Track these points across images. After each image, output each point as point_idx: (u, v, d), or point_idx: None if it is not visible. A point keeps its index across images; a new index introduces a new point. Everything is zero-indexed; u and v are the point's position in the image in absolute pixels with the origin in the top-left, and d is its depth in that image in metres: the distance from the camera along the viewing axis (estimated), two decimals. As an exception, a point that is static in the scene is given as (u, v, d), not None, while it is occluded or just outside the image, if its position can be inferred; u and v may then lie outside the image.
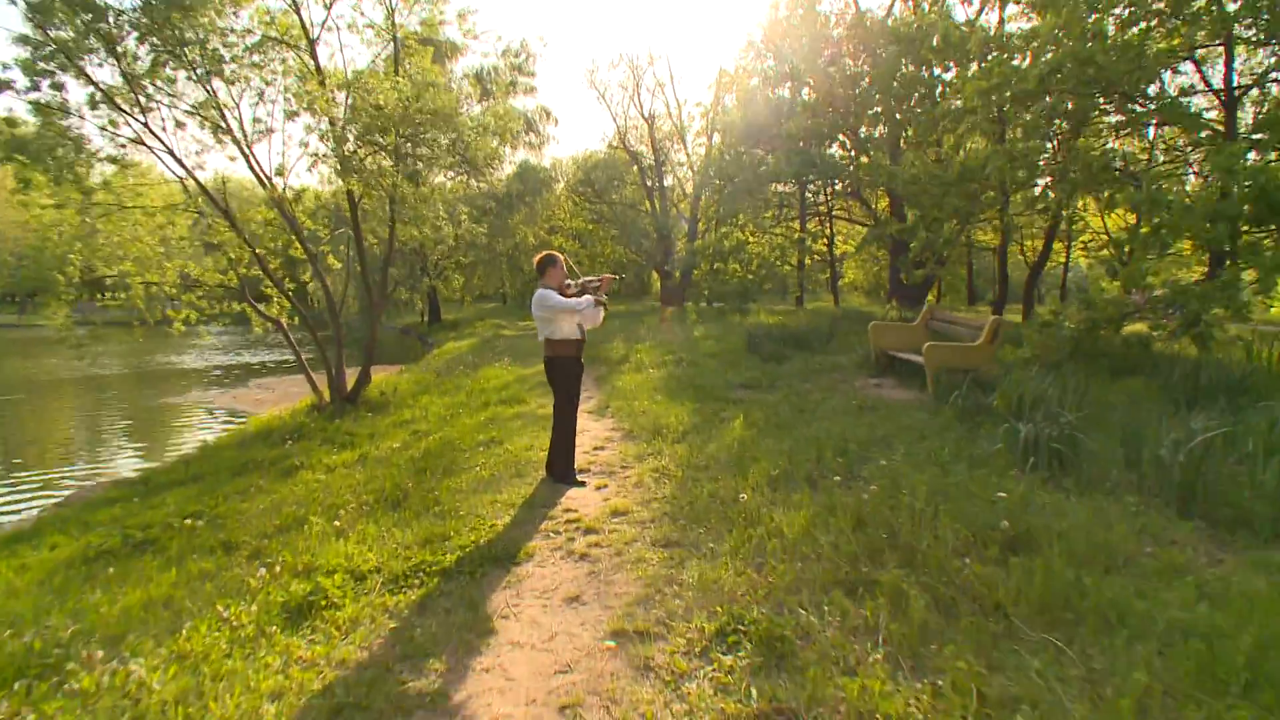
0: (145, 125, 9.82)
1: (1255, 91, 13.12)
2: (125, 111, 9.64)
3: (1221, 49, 12.99)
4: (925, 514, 4.16)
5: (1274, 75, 13.74)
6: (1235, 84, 13.36)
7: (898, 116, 17.77)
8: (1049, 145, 10.98)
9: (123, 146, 10.50)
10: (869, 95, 18.97)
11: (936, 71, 18.13)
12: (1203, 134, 11.46)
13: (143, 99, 9.77)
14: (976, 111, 10.87)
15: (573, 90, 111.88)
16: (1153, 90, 11.04)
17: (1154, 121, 10.69)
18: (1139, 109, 10.63)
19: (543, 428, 8.29)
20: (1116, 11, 10.15)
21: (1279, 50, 13.77)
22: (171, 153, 10.18)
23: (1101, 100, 10.57)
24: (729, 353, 13.49)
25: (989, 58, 11.60)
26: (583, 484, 6.13)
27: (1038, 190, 13.44)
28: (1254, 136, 10.78)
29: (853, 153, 22.11)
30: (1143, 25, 10.31)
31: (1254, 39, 12.49)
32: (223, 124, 10.30)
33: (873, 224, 22.98)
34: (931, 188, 12.81)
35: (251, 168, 11.04)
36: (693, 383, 10.37)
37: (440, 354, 21.49)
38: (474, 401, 11.26)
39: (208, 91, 10.04)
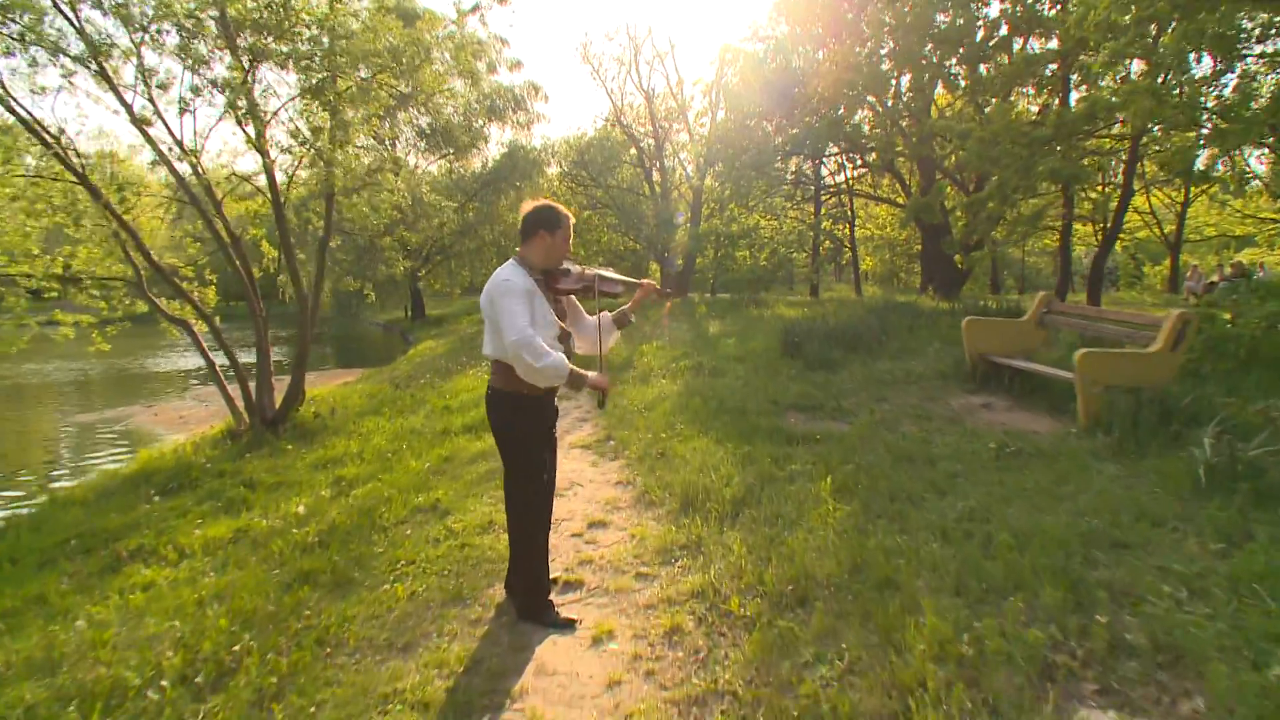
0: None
1: None
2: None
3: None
4: None
5: None
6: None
7: (952, 68, 14.85)
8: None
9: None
10: (907, 46, 16.06)
11: (984, 15, 15.27)
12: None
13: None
14: (1119, 33, 7.96)
15: (564, 67, 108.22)
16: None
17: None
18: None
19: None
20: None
21: None
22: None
23: None
24: (759, 356, 10.68)
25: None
26: (569, 625, 3.37)
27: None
28: None
29: (883, 117, 19.23)
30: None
31: None
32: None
33: (907, 200, 20.12)
34: (1017, 146, 9.98)
35: (124, 102, 8.12)
36: (724, 402, 7.58)
37: (413, 356, 18.72)
38: (431, 426, 8.49)
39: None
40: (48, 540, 6.12)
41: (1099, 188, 20.01)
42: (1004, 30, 13.42)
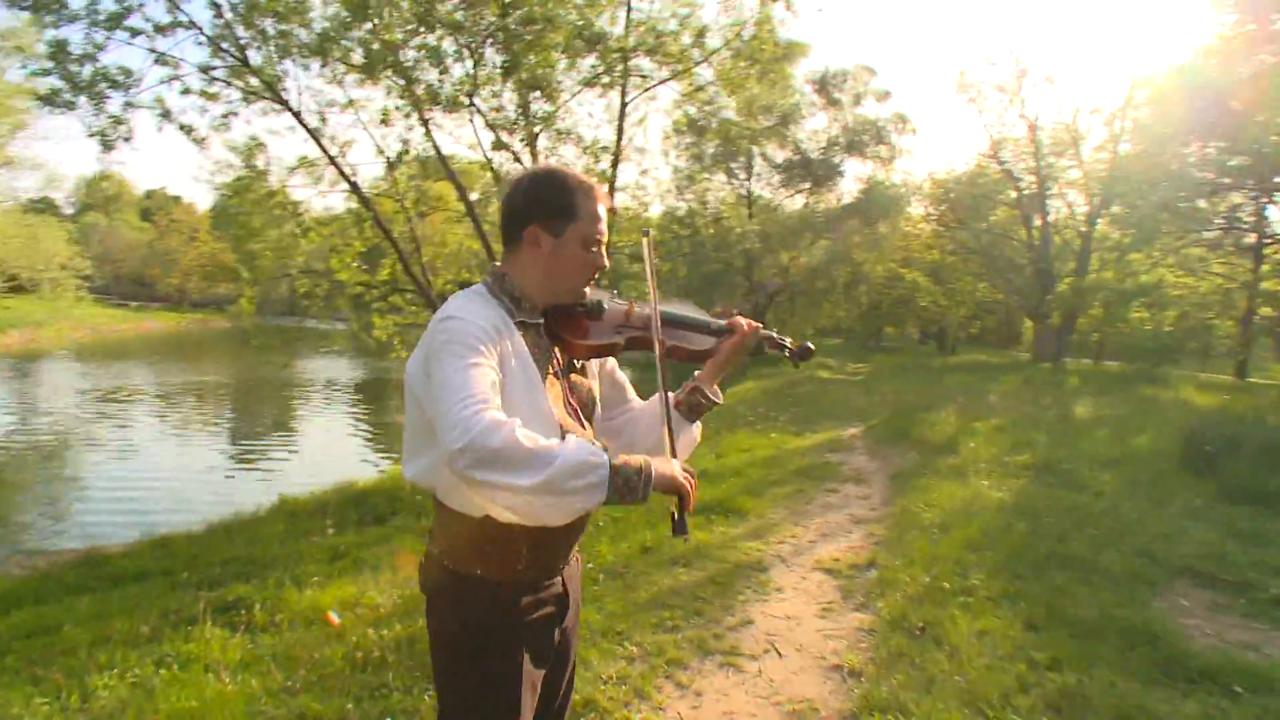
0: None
1: None
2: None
3: None
4: None
5: None
6: None
7: None
8: None
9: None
10: None
11: None
12: None
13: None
14: None
15: (930, 96, 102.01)
16: None
17: None
18: None
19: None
20: None
21: None
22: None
23: None
24: (1143, 464, 7.46)
25: None
26: None
27: None
28: None
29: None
30: None
31: None
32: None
33: None
34: None
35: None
36: (1063, 540, 4.92)
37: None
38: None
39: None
40: (214, 556, 5.62)
41: None
42: None
